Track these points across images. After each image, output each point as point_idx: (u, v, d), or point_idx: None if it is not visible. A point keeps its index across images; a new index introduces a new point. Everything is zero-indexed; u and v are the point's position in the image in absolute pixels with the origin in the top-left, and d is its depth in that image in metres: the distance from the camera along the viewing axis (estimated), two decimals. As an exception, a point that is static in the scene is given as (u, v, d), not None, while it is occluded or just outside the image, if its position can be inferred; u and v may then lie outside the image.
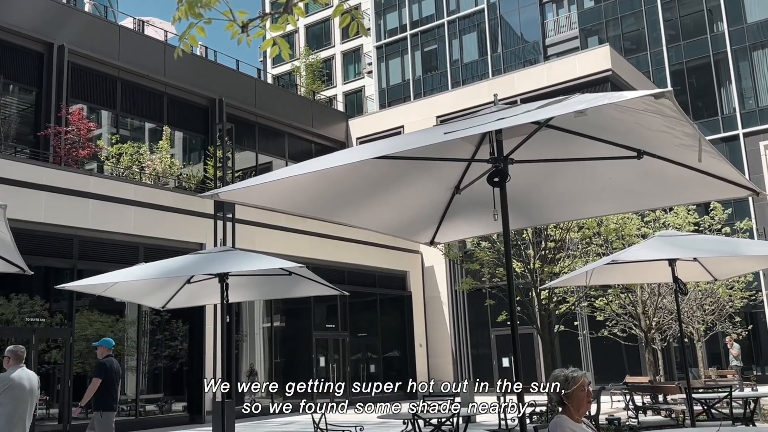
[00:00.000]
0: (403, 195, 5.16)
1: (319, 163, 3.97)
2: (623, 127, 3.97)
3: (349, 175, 4.61)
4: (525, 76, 26.02)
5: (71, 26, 19.46)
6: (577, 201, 5.29)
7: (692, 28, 35.62)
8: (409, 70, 47.24)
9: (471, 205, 5.29)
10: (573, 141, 4.40)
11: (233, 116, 23.53)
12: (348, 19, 2.34)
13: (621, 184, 4.88)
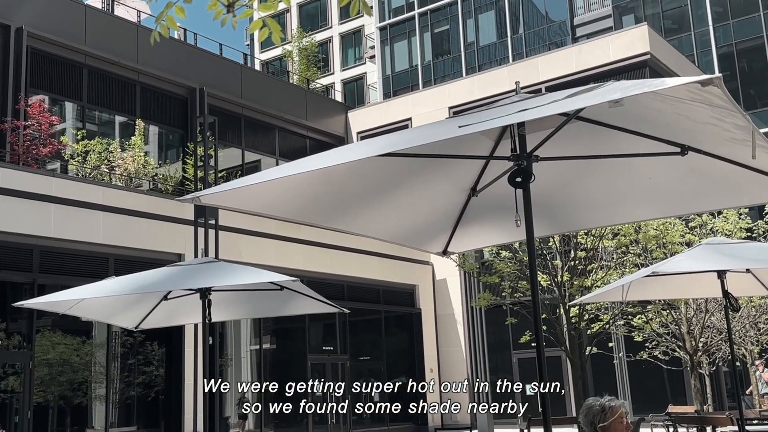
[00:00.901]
0: (411, 198, 5.16)
1: (315, 161, 3.97)
2: (664, 119, 3.97)
3: (349, 175, 4.61)
4: (550, 60, 26.03)
5: (31, 6, 19.54)
6: (611, 204, 5.28)
7: (743, 4, 35.59)
8: (417, 54, 47.29)
9: (490, 209, 5.29)
10: (606, 135, 4.39)
11: (216, 108, 23.59)
12: (349, -5, 2.35)
13: (662, 184, 4.87)
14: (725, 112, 3.16)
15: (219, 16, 2.27)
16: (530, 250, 4.39)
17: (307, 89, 32.29)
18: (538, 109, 3.53)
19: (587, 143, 4.61)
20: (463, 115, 4.32)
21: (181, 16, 2.28)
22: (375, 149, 3.93)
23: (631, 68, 23.45)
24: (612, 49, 24.34)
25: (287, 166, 4.41)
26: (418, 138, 3.98)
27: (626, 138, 4.33)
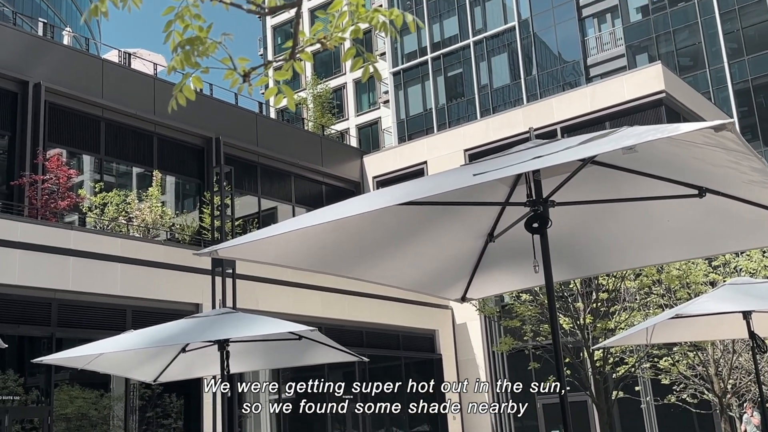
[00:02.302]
0: (428, 245, 5.17)
1: (331, 212, 4.01)
2: (680, 162, 3.98)
3: (365, 224, 4.64)
4: (565, 101, 26.17)
5: (49, 62, 19.98)
6: (631, 247, 5.26)
7: (757, 40, 35.74)
8: (431, 97, 47.74)
9: (508, 255, 5.29)
10: (623, 177, 4.40)
11: (232, 157, 23.85)
12: (360, 62, 2.41)
13: (682, 226, 4.86)
14: (741, 156, 3.18)
15: (235, 84, 2.34)
16: (550, 297, 4.38)
17: (322, 135, 32.59)
18: (552, 156, 3.56)
19: (604, 186, 4.62)
20: (477, 162, 4.36)
21: (198, 85, 2.35)
22: (391, 199, 3.97)
23: (646, 107, 23.50)
24: (626, 88, 24.45)
25: (303, 217, 4.45)
26: (434, 187, 4.01)
27: (643, 180, 4.33)
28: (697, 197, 4.14)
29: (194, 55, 2.17)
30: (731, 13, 37.14)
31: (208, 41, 2.19)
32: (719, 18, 37.35)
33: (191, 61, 2.19)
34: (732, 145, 3.04)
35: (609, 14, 42.46)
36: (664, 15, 39.40)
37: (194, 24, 2.17)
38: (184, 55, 2.19)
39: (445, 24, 48.50)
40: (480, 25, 47.05)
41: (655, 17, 39.68)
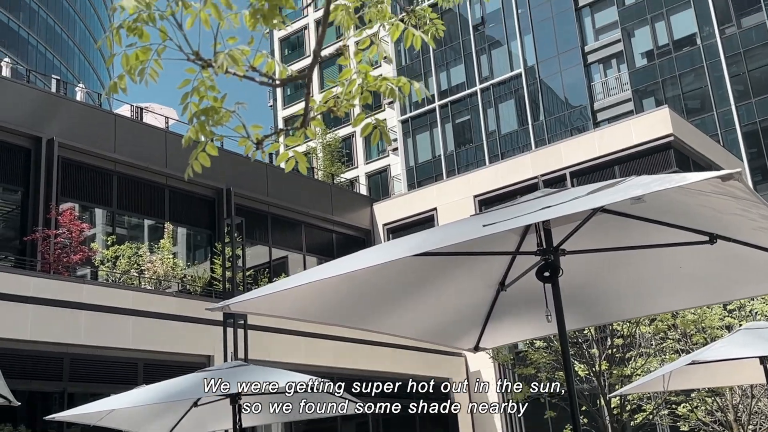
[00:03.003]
0: (440, 295, 5.17)
1: (343, 265, 4.03)
2: (690, 210, 3.99)
3: (376, 276, 4.65)
4: (573, 145, 26.27)
5: (62, 118, 20.29)
6: (643, 294, 5.24)
7: (764, 82, 35.95)
8: (439, 144, 48.06)
9: (520, 304, 5.28)
10: (633, 225, 4.41)
11: (243, 207, 23.99)
12: (370, 128, 2.46)
13: (694, 272, 4.85)
14: (750, 204, 3.19)
15: (249, 150, 2.40)
16: (563, 347, 4.36)
17: (331, 184, 32.77)
18: (561, 207, 3.58)
19: (614, 234, 4.63)
20: (487, 212, 4.38)
21: (213, 153, 2.40)
22: (402, 251, 3.99)
23: (655, 151, 23.54)
24: (634, 132, 24.55)
25: (315, 270, 4.47)
26: (445, 238, 4.04)
27: (653, 227, 4.34)
28: (708, 244, 4.13)
29: (209, 125, 2.24)
30: (736, 56, 37.44)
31: (223, 110, 2.25)
32: (725, 61, 37.65)
33: (206, 131, 2.25)
34: (740, 193, 3.05)
35: (614, 60, 42.87)
36: (670, 59, 39.76)
37: (209, 95, 2.24)
38: (200, 126, 2.25)
39: (452, 72, 49.06)
40: (486, 73, 47.56)
41: (661, 62, 40.03)
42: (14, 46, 59.79)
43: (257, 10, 2.14)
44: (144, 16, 2.17)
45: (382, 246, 4.87)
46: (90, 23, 74.94)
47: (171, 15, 2.14)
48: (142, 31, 2.20)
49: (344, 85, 2.36)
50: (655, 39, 40.70)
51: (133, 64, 2.24)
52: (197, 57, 2.20)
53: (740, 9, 38.09)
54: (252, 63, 2.25)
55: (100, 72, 75.78)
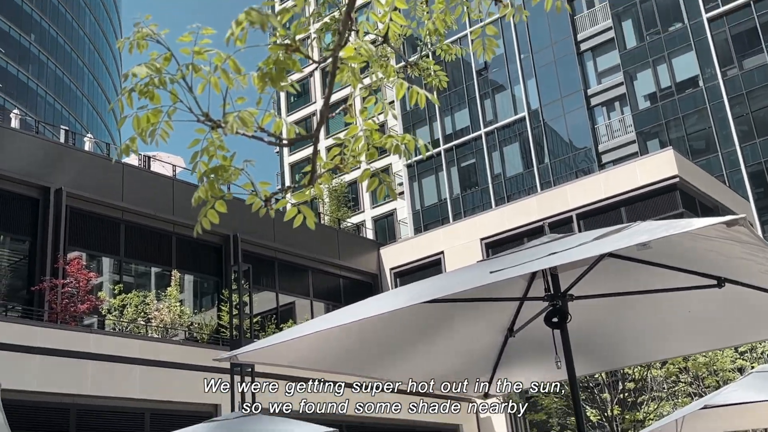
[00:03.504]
0: (447, 342, 5.16)
1: (350, 313, 4.03)
2: (697, 254, 4.00)
3: (384, 323, 4.64)
4: (579, 187, 26.32)
5: (70, 168, 20.47)
6: (654, 339, 5.21)
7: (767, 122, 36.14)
8: (445, 188, 48.21)
9: (529, 349, 5.25)
10: (640, 269, 4.41)
11: (250, 253, 24.01)
12: (376, 182, 2.50)
13: (703, 316, 4.83)
14: (756, 248, 3.20)
15: (257, 207, 2.43)
16: (574, 394, 4.32)
17: (338, 229, 32.82)
18: (567, 253, 3.59)
19: (622, 278, 4.62)
20: (494, 258, 4.39)
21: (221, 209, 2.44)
22: (409, 299, 3.99)
23: (661, 192, 23.56)
24: (639, 174, 24.60)
25: (322, 319, 4.47)
26: (452, 285, 4.04)
27: (661, 270, 4.34)
28: (717, 287, 4.13)
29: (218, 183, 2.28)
30: (739, 97, 37.70)
31: (232, 168, 2.30)
32: (728, 102, 37.89)
33: (216, 190, 2.29)
34: (746, 238, 3.07)
35: (617, 102, 43.19)
36: (672, 101, 40.04)
37: (218, 153, 2.29)
38: (209, 185, 2.29)
39: (456, 116, 49.44)
40: (491, 117, 47.90)
41: (664, 104, 40.30)
42: (24, 97, 60.65)
43: (265, 74, 2.19)
44: (155, 80, 2.22)
45: (389, 293, 4.88)
46: (98, 73, 76.10)
47: (182, 78, 2.19)
48: (153, 94, 2.25)
49: (350, 142, 2.40)
50: (657, 81, 41.06)
51: (144, 127, 2.28)
52: (207, 118, 2.25)
53: (741, 51, 38.48)
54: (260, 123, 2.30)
55: (108, 121, 76.68)
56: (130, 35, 2.29)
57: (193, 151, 2.31)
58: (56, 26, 67.16)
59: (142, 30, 2.21)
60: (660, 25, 41.47)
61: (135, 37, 2.24)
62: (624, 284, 4.65)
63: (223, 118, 2.23)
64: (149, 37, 2.21)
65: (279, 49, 2.16)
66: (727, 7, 38.94)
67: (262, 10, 2.03)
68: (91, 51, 74.53)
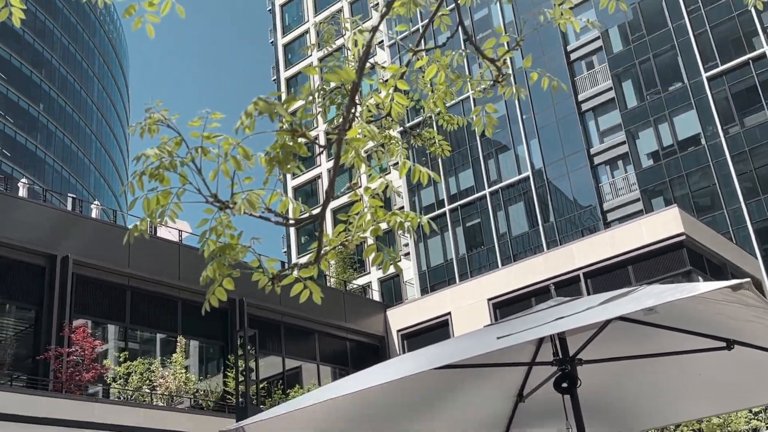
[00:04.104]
0: (456, 409, 5.10)
1: (356, 381, 4.01)
2: (705, 316, 3.99)
3: (391, 390, 4.61)
4: (585, 246, 26.29)
5: (77, 235, 20.58)
6: (665, 402, 5.15)
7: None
8: (451, 248, 48.21)
9: (540, 415, 5.20)
10: (649, 332, 4.39)
11: (256, 317, 23.90)
12: (381, 257, 2.54)
13: (714, 378, 4.79)
14: (763, 311, 3.20)
15: (263, 284, 2.47)
16: (585, 461, 4.25)
17: (344, 291, 32.72)
18: (575, 317, 3.59)
19: (631, 341, 4.60)
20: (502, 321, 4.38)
21: (229, 287, 2.47)
22: (416, 365, 3.97)
23: (667, 250, 23.50)
24: (645, 232, 24.60)
25: (329, 388, 4.45)
26: (458, 352, 4.03)
27: (669, 334, 4.32)
28: (726, 349, 4.11)
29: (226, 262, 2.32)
30: (742, 154, 37.95)
31: (239, 246, 2.34)
32: (730, 160, 38.13)
33: (224, 268, 2.33)
34: (752, 301, 3.07)
35: (620, 161, 43.49)
36: (676, 159, 40.31)
37: (226, 232, 2.34)
38: (218, 265, 2.33)
39: (460, 177, 49.76)
40: (495, 176, 48.21)
41: (667, 162, 40.57)
42: (32, 166, 61.41)
43: (273, 158, 2.26)
44: (166, 163, 2.29)
45: (395, 360, 4.86)
46: (105, 140, 77.17)
47: (191, 161, 2.26)
48: (163, 176, 2.31)
49: (355, 219, 2.45)
50: (659, 140, 41.43)
51: (154, 208, 2.34)
52: (215, 199, 2.31)
53: (742, 109, 38.90)
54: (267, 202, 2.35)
55: (115, 187, 77.38)
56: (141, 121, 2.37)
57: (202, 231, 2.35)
58: (65, 95, 68.44)
59: (154, 115, 2.28)
60: (660, 84, 42.06)
61: (146, 123, 2.32)
62: (633, 347, 4.63)
63: (231, 198, 2.29)
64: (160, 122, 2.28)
65: (286, 134, 2.23)
66: (725, 66, 39.53)
67: (269, 100, 2.10)
68: (99, 119, 75.74)
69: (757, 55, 38.68)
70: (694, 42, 41.01)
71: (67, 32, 68.75)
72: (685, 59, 41.26)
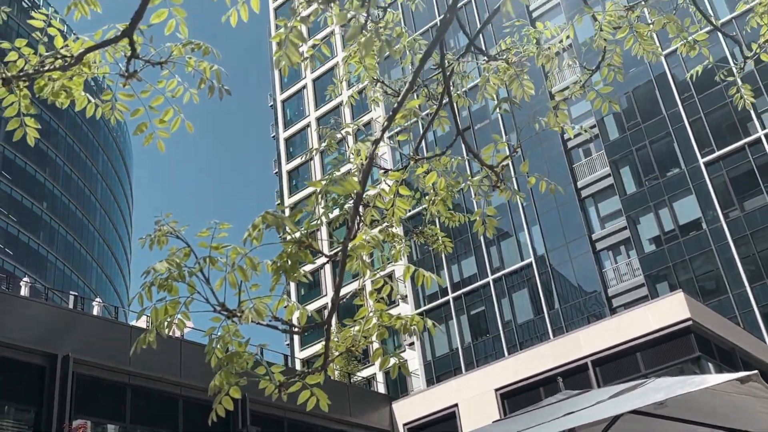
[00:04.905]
0: None
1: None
2: (715, 407, 3.95)
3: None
4: (592, 333, 26.05)
5: (78, 333, 20.45)
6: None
7: (773, 264, 36.28)
8: (456, 337, 47.74)
9: None
10: (660, 423, 4.34)
11: (258, 414, 23.46)
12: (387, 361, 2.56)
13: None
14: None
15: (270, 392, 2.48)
16: None
17: (348, 384, 32.24)
18: (584, 412, 3.56)
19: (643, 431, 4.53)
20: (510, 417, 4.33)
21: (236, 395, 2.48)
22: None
23: (675, 335, 23.28)
24: (651, 318, 24.42)
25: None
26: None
27: (681, 425, 4.26)
28: (740, 442, 4.04)
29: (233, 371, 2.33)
30: (744, 238, 38.03)
31: (246, 354, 2.36)
32: (733, 244, 38.19)
33: (232, 377, 2.34)
34: (761, 393, 3.06)
35: (623, 246, 43.58)
36: (678, 244, 40.39)
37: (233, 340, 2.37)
38: (225, 374, 2.35)
39: (463, 264, 49.75)
40: (497, 264, 48.20)
41: (669, 246, 40.64)
42: (34, 264, 61.57)
43: (279, 267, 2.31)
44: (174, 274, 2.33)
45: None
46: (108, 237, 77.59)
47: (200, 271, 2.30)
48: (172, 287, 2.36)
49: (361, 324, 2.47)
50: (660, 225, 41.62)
51: (162, 318, 2.37)
52: (223, 308, 2.35)
53: (741, 192, 39.23)
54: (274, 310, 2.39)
55: (117, 283, 77.33)
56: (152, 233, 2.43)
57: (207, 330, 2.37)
58: (68, 193, 69.26)
59: (163, 228, 2.34)
60: (658, 170, 42.58)
61: (156, 235, 2.37)
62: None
63: (239, 307, 2.32)
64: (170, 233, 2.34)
65: (292, 244, 2.28)
66: (722, 151, 40.09)
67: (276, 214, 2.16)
68: (102, 215, 76.41)
69: (752, 140, 39.29)
70: (689, 128, 41.74)
71: (72, 131, 70.20)
72: (682, 145, 41.91)
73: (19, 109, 2.81)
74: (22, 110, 2.82)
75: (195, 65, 2.77)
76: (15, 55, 2.78)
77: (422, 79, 3.97)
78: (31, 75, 2.70)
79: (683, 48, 4.59)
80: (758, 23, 4.48)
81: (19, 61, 2.78)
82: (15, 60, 2.77)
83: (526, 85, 3.65)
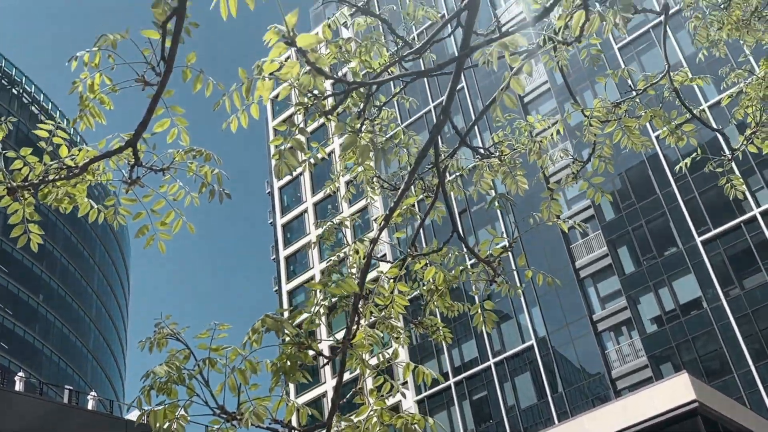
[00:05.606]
0: None
1: None
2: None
3: None
4: (596, 417, 25.60)
5: (73, 428, 20.10)
6: None
7: (775, 336, 35.96)
8: (458, 423, 46.75)
9: None
10: None
11: None
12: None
13: None
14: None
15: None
16: None
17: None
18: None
19: None
20: None
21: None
22: None
23: (681, 418, 22.89)
24: (657, 400, 24.05)
25: None
26: None
27: None
28: None
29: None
30: (746, 317, 37.76)
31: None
32: (735, 322, 37.89)
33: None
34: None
35: (624, 326, 43.20)
36: (679, 324, 40.04)
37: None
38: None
39: (463, 348, 49.15)
40: (498, 347, 47.64)
41: (671, 326, 40.28)
42: (29, 358, 60.80)
43: (279, 368, 2.32)
44: (174, 377, 2.34)
45: None
46: (104, 329, 76.88)
47: (199, 374, 2.31)
48: (171, 389, 2.36)
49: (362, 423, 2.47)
50: (661, 305, 41.38)
51: (161, 422, 2.37)
52: (222, 411, 2.35)
53: (740, 271, 39.15)
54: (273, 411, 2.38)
55: (112, 376, 76.20)
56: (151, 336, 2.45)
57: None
58: (65, 285, 68.98)
59: (163, 330, 2.37)
60: (655, 250, 42.61)
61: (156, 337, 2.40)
62: None
63: (238, 409, 2.32)
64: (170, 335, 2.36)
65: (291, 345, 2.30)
66: (718, 230, 40.18)
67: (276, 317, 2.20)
68: (99, 306, 75.93)
69: (748, 218, 39.45)
70: (684, 208, 41.98)
71: (69, 223, 70.49)
72: (678, 224, 42.09)
73: (23, 215, 2.86)
74: (26, 217, 2.86)
75: (196, 170, 2.85)
76: (20, 163, 2.85)
77: (418, 174, 4.06)
78: (36, 185, 2.77)
79: (671, 138, 4.70)
80: (744, 113, 4.60)
81: (24, 169, 2.85)
82: (20, 168, 2.84)
83: (520, 180, 3.73)
